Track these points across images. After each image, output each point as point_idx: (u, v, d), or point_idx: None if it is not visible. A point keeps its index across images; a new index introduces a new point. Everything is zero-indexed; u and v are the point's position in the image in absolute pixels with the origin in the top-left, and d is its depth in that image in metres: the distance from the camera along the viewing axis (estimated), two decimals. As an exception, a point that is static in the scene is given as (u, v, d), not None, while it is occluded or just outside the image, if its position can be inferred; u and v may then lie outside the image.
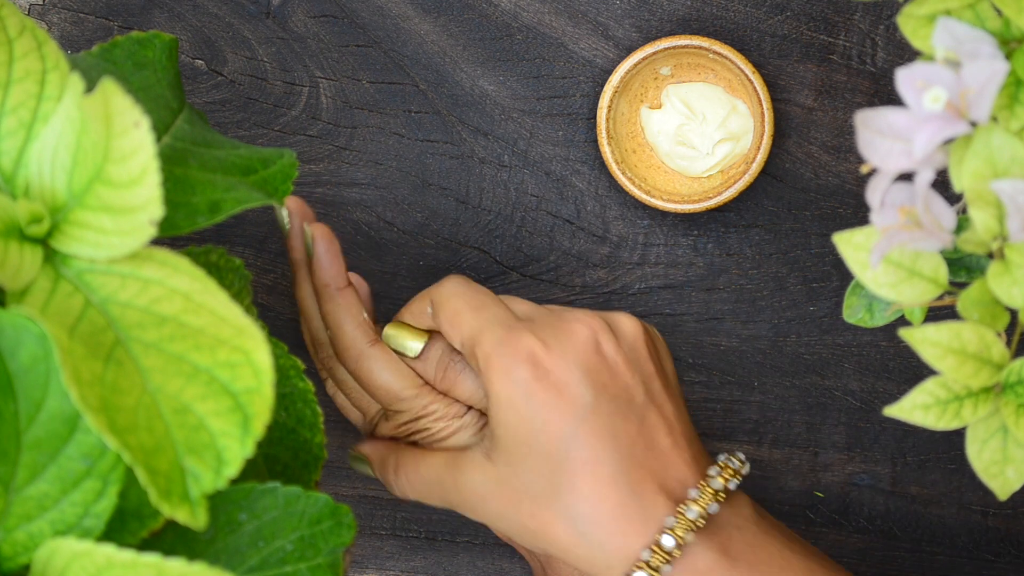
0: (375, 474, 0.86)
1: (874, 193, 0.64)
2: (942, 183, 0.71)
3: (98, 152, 0.62)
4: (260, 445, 0.72)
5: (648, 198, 0.88)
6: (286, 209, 0.84)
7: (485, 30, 0.90)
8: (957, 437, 0.91)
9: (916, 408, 0.64)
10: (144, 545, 0.64)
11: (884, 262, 0.65)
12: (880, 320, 0.72)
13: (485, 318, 0.80)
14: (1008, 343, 0.65)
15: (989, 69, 0.61)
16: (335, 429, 0.91)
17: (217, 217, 0.67)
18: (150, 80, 0.72)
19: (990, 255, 0.64)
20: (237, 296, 0.73)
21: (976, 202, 0.63)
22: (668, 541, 0.76)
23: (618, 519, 0.77)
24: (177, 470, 0.62)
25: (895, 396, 0.90)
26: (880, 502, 0.91)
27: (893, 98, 0.89)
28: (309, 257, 0.84)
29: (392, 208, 0.91)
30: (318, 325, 0.85)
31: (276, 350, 0.73)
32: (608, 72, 0.90)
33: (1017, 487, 0.65)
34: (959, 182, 0.63)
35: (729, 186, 0.88)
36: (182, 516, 0.61)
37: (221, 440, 0.63)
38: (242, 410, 0.63)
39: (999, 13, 0.65)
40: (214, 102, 0.90)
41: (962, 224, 0.65)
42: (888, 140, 0.63)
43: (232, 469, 0.62)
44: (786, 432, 0.91)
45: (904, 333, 0.63)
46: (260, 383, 0.63)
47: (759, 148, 0.87)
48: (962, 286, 0.65)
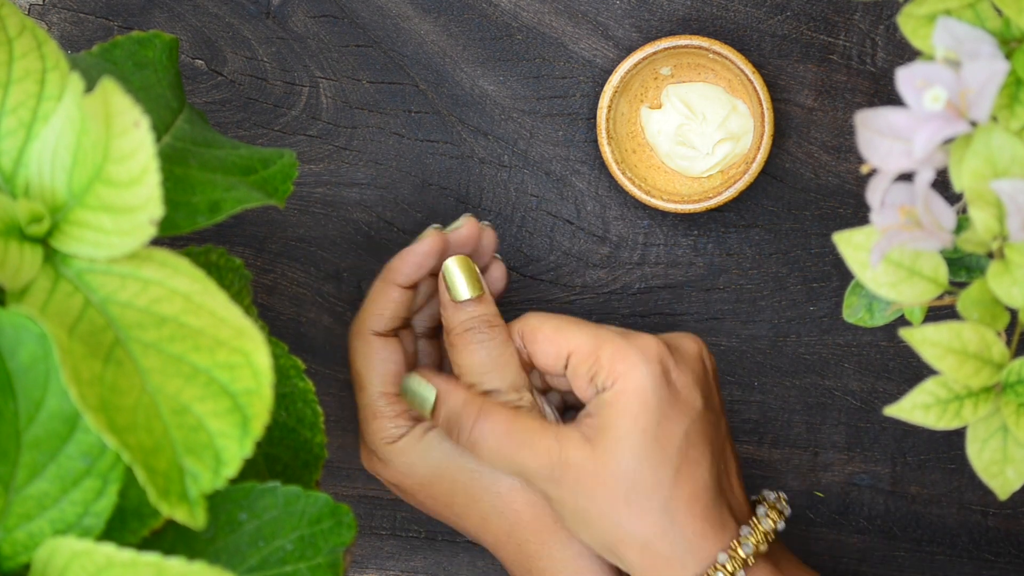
0: (431, 414, 0.82)
1: (874, 193, 0.64)
2: (942, 183, 0.71)
3: (98, 152, 0.62)
4: (260, 445, 0.72)
5: (648, 198, 0.88)
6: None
7: (485, 30, 0.90)
8: (957, 437, 0.91)
9: (916, 408, 0.64)
10: (144, 544, 0.64)
11: (884, 262, 0.65)
12: (880, 320, 0.72)
13: (595, 329, 0.82)
14: (1008, 343, 0.65)
15: (989, 69, 0.61)
16: (335, 429, 0.91)
17: (217, 217, 0.67)
18: (150, 80, 0.72)
19: (990, 255, 0.64)
20: (237, 296, 0.73)
21: (976, 202, 0.63)
22: (747, 548, 0.80)
23: (704, 521, 0.80)
24: (176, 470, 0.62)
25: (895, 396, 0.90)
26: (880, 502, 0.91)
27: (893, 98, 0.89)
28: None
29: (392, 208, 0.91)
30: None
31: (276, 350, 0.73)
32: (608, 72, 0.90)
33: (1017, 487, 0.65)
34: (959, 182, 0.63)
35: (729, 186, 0.88)
36: (180, 516, 0.61)
37: (220, 440, 0.63)
38: (241, 411, 0.63)
39: (999, 13, 0.65)
40: (214, 102, 0.90)
41: (962, 224, 0.65)
42: (888, 140, 0.63)
43: (231, 469, 0.62)
44: (786, 432, 0.91)
45: (904, 333, 0.63)
46: (259, 384, 0.63)
47: (759, 148, 0.87)
48: (962, 286, 0.65)
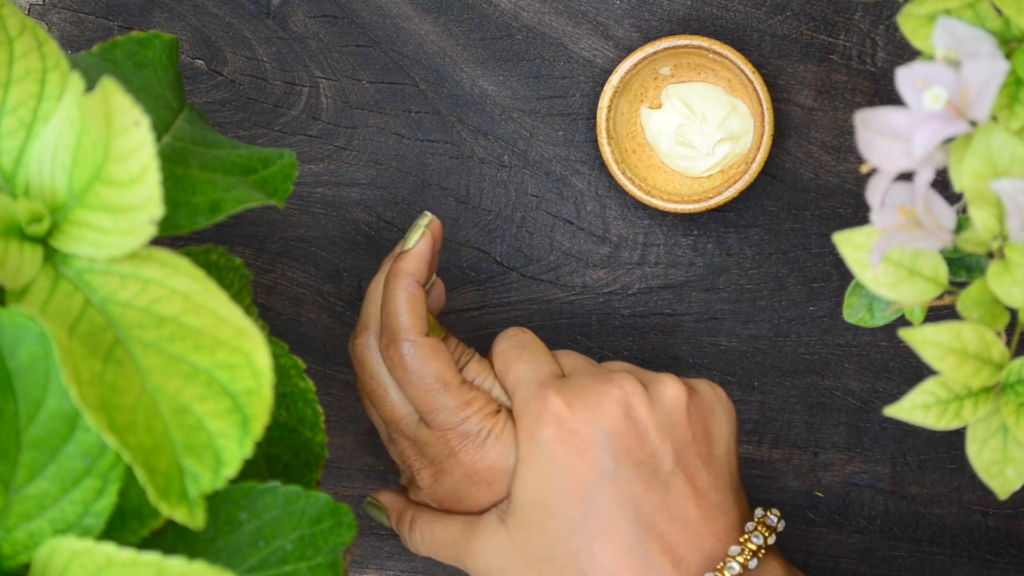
0: (390, 524, 0.85)
1: (874, 193, 0.64)
2: (942, 183, 0.71)
3: (98, 151, 0.62)
4: (260, 444, 0.72)
5: (648, 198, 0.88)
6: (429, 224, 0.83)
7: (485, 30, 0.90)
8: (957, 437, 0.91)
9: (916, 408, 0.64)
10: (144, 544, 0.64)
11: (884, 262, 0.65)
12: (880, 320, 0.72)
13: (522, 372, 0.80)
14: (1008, 343, 0.65)
15: (989, 68, 0.61)
16: (335, 429, 0.91)
17: (217, 217, 0.67)
18: (150, 80, 0.72)
19: (990, 255, 0.64)
20: (237, 296, 0.73)
21: (976, 201, 0.63)
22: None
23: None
24: (176, 470, 0.62)
25: (895, 396, 0.90)
26: (880, 502, 0.91)
27: (893, 98, 0.89)
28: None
29: (392, 208, 0.91)
30: (375, 309, 0.83)
31: (276, 349, 0.73)
32: (608, 72, 0.90)
33: (1017, 487, 0.65)
34: (959, 181, 0.63)
35: (729, 186, 0.88)
36: (180, 515, 0.61)
37: (220, 440, 0.63)
38: (241, 411, 0.63)
39: (999, 12, 0.65)
40: (214, 102, 0.90)
41: (962, 224, 0.65)
42: (888, 140, 0.63)
43: (230, 470, 0.62)
44: (786, 432, 0.91)
45: (904, 333, 0.63)
46: (259, 384, 0.63)
47: (759, 148, 0.87)
48: (962, 286, 0.65)
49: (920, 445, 0.91)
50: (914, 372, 0.90)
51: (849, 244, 0.65)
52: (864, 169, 0.63)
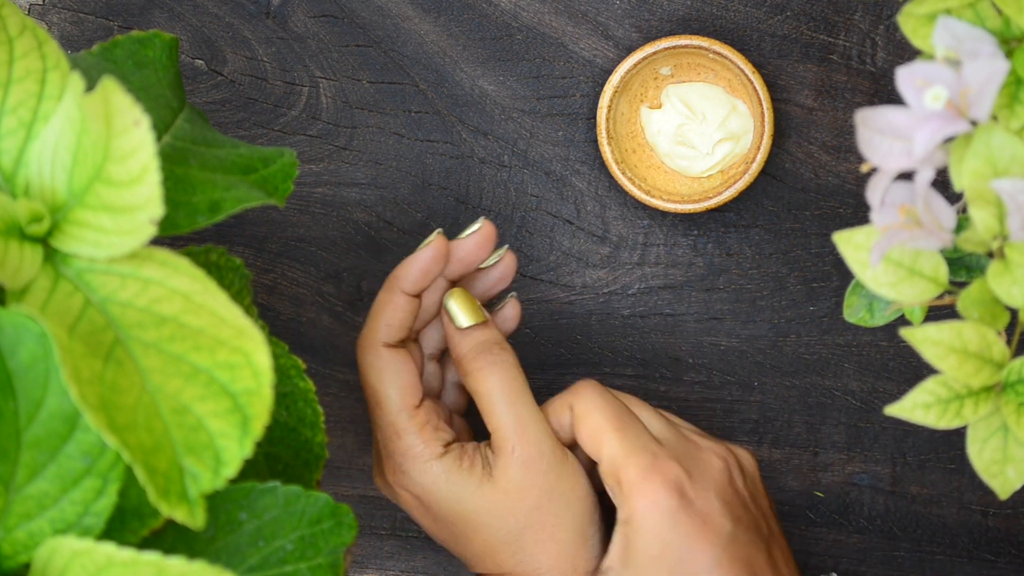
0: None
1: (874, 192, 0.64)
2: (942, 183, 0.71)
3: (98, 151, 0.62)
4: (261, 444, 0.72)
5: (648, 198, 0.88)
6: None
7: (485, 30, 0.90)
8: (957, 437, 0.91)
9: (917, 407, 0.64)
10: (144, 544, 0.64)
11: (884, 261, 0.65)
12: (880, 320, 0.72)
13: (630, 442, 0.80)
14: (1008, 342, 0.65)
15: (989, 68, 0.61)
16: (335, 429, 0.91)
17: (217, 216, 0.67)
18: (150, 79, 0.72)
19: (990, 254, 0.64)
20: (237, 296, 0.73)
21: (976, 201, 0.63)
22: None
23: None
24: (176, 469, 0.62)
25: (895, 396, 0.90)
26: (880, 502, 0.91)
27: (893, 98, 0.89)
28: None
29: (392, 208, 0.91)
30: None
31: (276, 350, 0.73)
32: (608, 72, 0.90)
33: (1018, 486, 0.65)
34: (959, 181, 0.63)
35: (729, 186, 0.88)
36: (180, 515, 0.61)
37: (220, 440, 0.63)
38: (241, 411, 0.63)
39: (999, 12, 0.65)
40: (214, 102, 0.90)
41: (962, 223, 0.65)
42: (888, 139, 0.63)
43: (230, 469, 0.62)
44: (786, 432, 0.91)
45: (905, 333, 0.63)
46: (259, 384, 0.63)
47: (759, 148, 0.87)
48: (962, 285, 0.65)
49: (920, 445, 0.91)
50: (914, 372, 0.90)
51: (849, 244, 0.65)
52: (864, 168, 0.63)
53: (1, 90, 0.65)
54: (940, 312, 0.82)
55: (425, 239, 0.83)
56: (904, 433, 0.91)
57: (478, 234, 0.84)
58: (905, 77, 0.62)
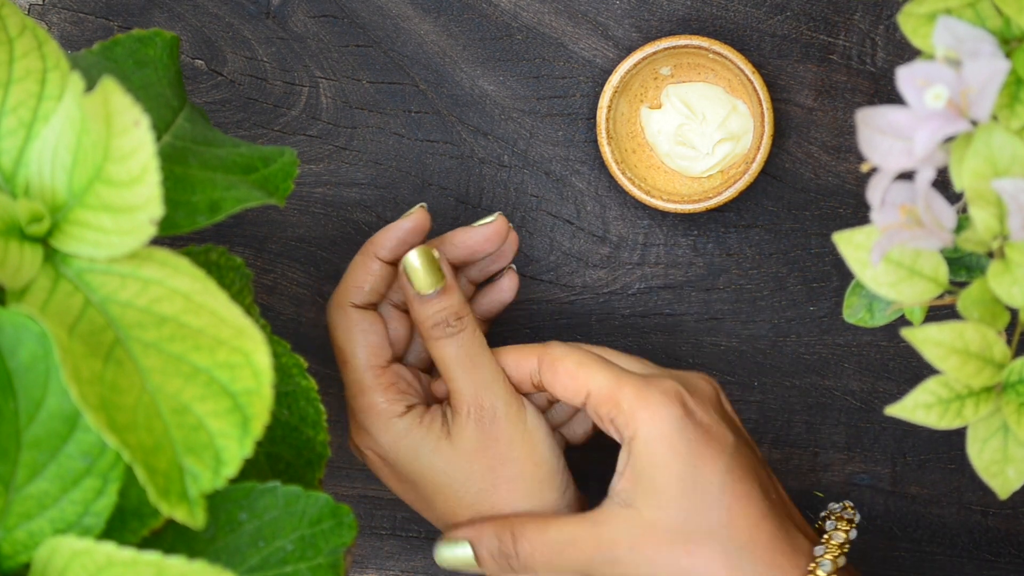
0: (479, 562, 0.82)
1: (874, 191, 0.64)
2: (941, 183, 0.71)
3: (98, 151, 0.62)
4: (262, 443, 0.72)
5: (648, 198, 0.88)
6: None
7: (485, 30, 0.90)
8: (957, 437, 0.91)
9: (918, 407, 0.64)
10: (144, 544, 0.64)
11: (884, 261, 0.65)
12: (880, 320, 0.72)
13: (617, 370, 0.80)
14: (1008, 342, 0.65)
15: (990, 67, 0.61)
16: (336, 428, 0.91)
17: (217, 216, 0.67)
18: (151, 78, 0.72)
19: (990, 254, 0.64)
20: (238, 295, 0.73)
21: (977, 201, 0.63)
22: (826, 566, 0.79)
23: (773, 551, 0.78)
24: (176, 469, 0.62)
25: (895, 396, 0.90)
26: (880, 502, 0.91)
27: (893, 98, 0.89)
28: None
29: (392, 208, 0.91)
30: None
31: (278, 348, 0.73)
32: (608, 72, 0.90)
33: (1017, 486, 0.65)
34: (959, 181, 0.63)
35: (729, 186, 0.88)
36: (180, 515, 0.61)
37: (220, 440, 0.63)
38: (241, 411, 0.63)
39: (999, 12, 0.65)
40: (214, 102, 0.90)
41: (962, 223, 0.65)
42: (889, 138, 0.63)
43: (231, 469, 0.62)
44: (786, 432, 0.91)
45: (906, 333, 0.63)
46: (259, 384, 0.63)
47: (759, 148, 0.87)
48: (962, 285, 0.65)
49: (920, 445, 0.91)
50: (914, 372, 0.90)
51: (849, 244, 0.65)
52: (864, 168, 0.63)
53: (1, 90, 0.65)
54: (940, 312, 0.82)
55: (409, 211, 0.84)
56: (904, 433, 0.91)
57: (489, 227, 0.85)
58: (905, 77, 0.62)
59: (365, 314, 0.83)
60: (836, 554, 0.79)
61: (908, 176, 0.64)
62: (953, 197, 0.67)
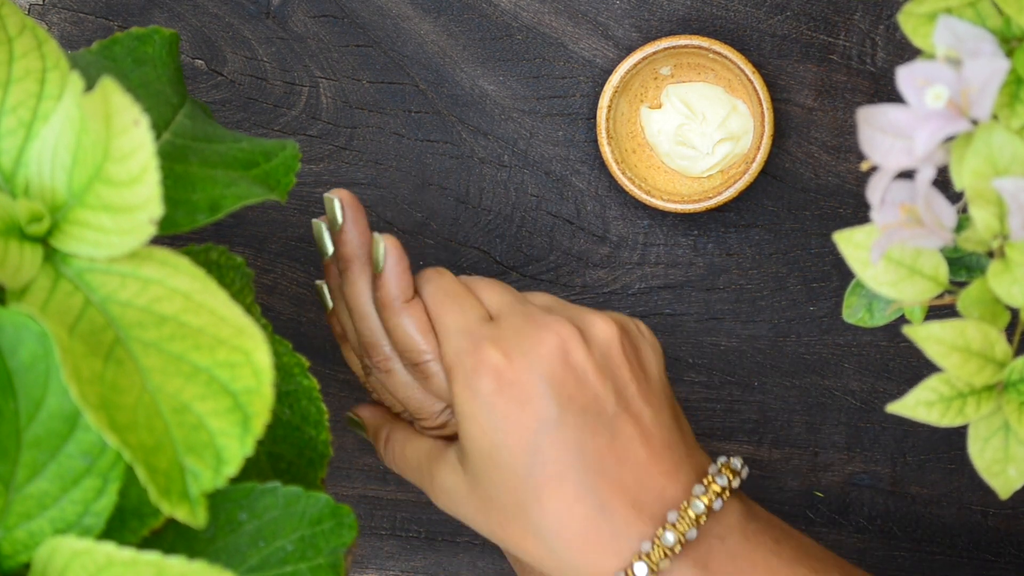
0: (368, 438, 0.85)
1: (874, 190, 0.64)
2: (941, 182, 0.70)
3: (98, 151, 0.62)
4: (264, 443, 0.72)
5: (648, 198, 0.88)
6: (337, 200, 0.79)
7: (485, 30, 0.90)
8: (957, 437, 0.91)
9: (920, 405, 0.64)
10: (144, 544, 0.64)
11: (885, 260, 0.65)
12: (880, 320, 0.72)
13: (450, 323, 0.77)
14: (1009, 341, 0.65)
15: (991, 67, 0.61)
16: (335, 429, 0.91)
17: (217, 214, 0.67)
18: (150, 76, 0.72)
19: (990, 254, 0.64)
20: (239, 294, 0.73)
21: (977, 200, 0.63)
22: (641, 569, 0.73)
23: (587, 538, 0.73)
24: (176, 468, 0.62)
25: (895, 396, 0.90)
26: (880, 502, 0.91)
27: (893, 98, 0.89)
28: (375, 269, 0.80)
29: (392, 208, 0.91)
30: (375, 327, 0.80)
31: (279, 348, 0.73)
32: (608, 72, 0.90)
33: (1018, 486, 0.65)
34: (959, 180, 0.63)
35: (729, 186, 0.88)
36: (181, 514, 0.61)
37: (220, 439, 0.62)
38: (242, 410, 0.63)
39: (1000, 11, 0.65)
40: (214, 102, 0.90)
41: (962, 223, 0.65)
42: (889, 137, 0.63)
43: (231, 468, 0.62)
44: (786, 432, 0.91)
45: (908, 330, 0.63)
46: (260, 383, 0.63)
47: (759, 148, 0.87)
48: (962, 285, 0.65)
49: (920, 445, 0.91)
50: (914, 372, 0.90)
51: (850, 243, 0.65)
52: (865, 166, 0.63)
53: (1, 90, 0.65)
54: (940, 312, 0.82)
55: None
56: (904, 433, 0.91)
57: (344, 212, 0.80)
58: (906, 76, 0.62)
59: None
60: (675, 539, 0.72)
61: (908, 175, 0.64)
62: (953, 197, 0.67)
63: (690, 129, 0.89)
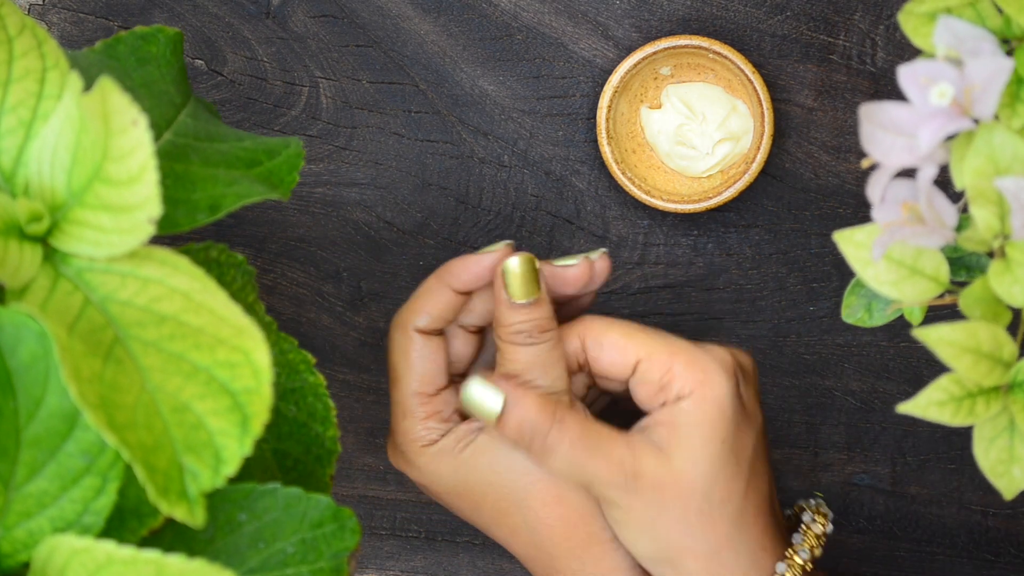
0: (501, 423, 0.79)
1: (875, 188, 0.64)
2: (941, 182, 0.70)
3: (97, 150, 0.62)
4: (269, 440, 0.72)
5: (648, 198, 0.88)
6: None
7: (485, 30, 0.90)
8: (956, 437, 0.91)
9: (932, 404, 0.64)
10: (143, 544, 0.64)
11: (885, 260, 0.65)
12: (879, 320, 0.72)
13: (666, 338, 0.80)
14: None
15: (994, 65, 0.61)
16: (342, 425, 0.91)
17: (218, 214, 0.67)
18: (153, 75, 0.72)
19: (991, 253, 0.64)
20: (240, 292, 0.73)
21: (978, 200, 0.63)
22: (804, 553, 0.79)
23: (766, 533, 0.79)
24: (175, 468, 0.62)
25: (895, 396, 0.90)
26: (880, 502, 0.91)
27: (893, 98, 0.88)
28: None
29: (392, 208, 0.91)
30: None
31: (285, 345, 0.73)
32: (608, 72, 0.90)
33: (1023, 486, 0.65)
34: (960, 180, 0.63)
35: (729, 186, 0.88)
36: (180, 514, 0.61)
37: (219, 439, 0.62)
38: (241, 409, 0.63)
39: (1000, 11, 0.65)
40: (214, 102, 0.90)
41: (963, 223, 0.65)
42: (891, 135, 0.63)
43: (230, 468, 0.62)
44: (786, 432, 0.91)
45: (919, 333, 0.63)
46: (259, 383, 0.63)
47: (759, 148, 0.87)
48: (962, 285, 0.65)
49: (920, 445, 0.91)
50: (914, 372, 0.90)
51: (850, 242, 0.65)
52: (865, 164, 0.63)
53: (1, 89, 0.65)
54: (940, 312, 0.82)
55: (494, 244, 0.81)
56: (904, 433, 0.91)
57: (574, 269, 0.81)
58: (907, 74, 0.62)
59: (427, 340, 0.81)
60: (813, 543, 0.79)
61: (908, 173, 0.64)
62: (954, 196, 0.67)
63: (690, 129, 0.89)
